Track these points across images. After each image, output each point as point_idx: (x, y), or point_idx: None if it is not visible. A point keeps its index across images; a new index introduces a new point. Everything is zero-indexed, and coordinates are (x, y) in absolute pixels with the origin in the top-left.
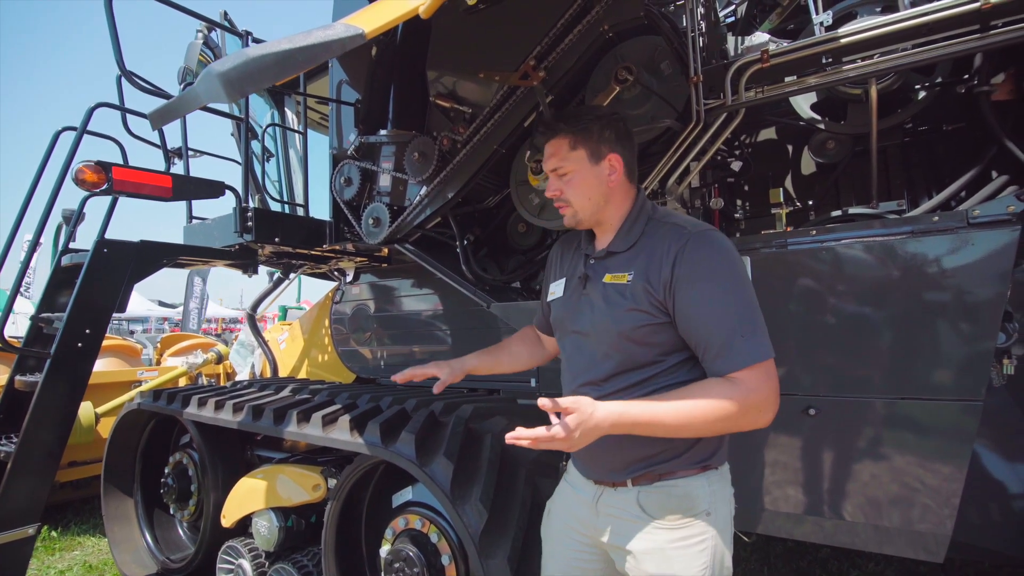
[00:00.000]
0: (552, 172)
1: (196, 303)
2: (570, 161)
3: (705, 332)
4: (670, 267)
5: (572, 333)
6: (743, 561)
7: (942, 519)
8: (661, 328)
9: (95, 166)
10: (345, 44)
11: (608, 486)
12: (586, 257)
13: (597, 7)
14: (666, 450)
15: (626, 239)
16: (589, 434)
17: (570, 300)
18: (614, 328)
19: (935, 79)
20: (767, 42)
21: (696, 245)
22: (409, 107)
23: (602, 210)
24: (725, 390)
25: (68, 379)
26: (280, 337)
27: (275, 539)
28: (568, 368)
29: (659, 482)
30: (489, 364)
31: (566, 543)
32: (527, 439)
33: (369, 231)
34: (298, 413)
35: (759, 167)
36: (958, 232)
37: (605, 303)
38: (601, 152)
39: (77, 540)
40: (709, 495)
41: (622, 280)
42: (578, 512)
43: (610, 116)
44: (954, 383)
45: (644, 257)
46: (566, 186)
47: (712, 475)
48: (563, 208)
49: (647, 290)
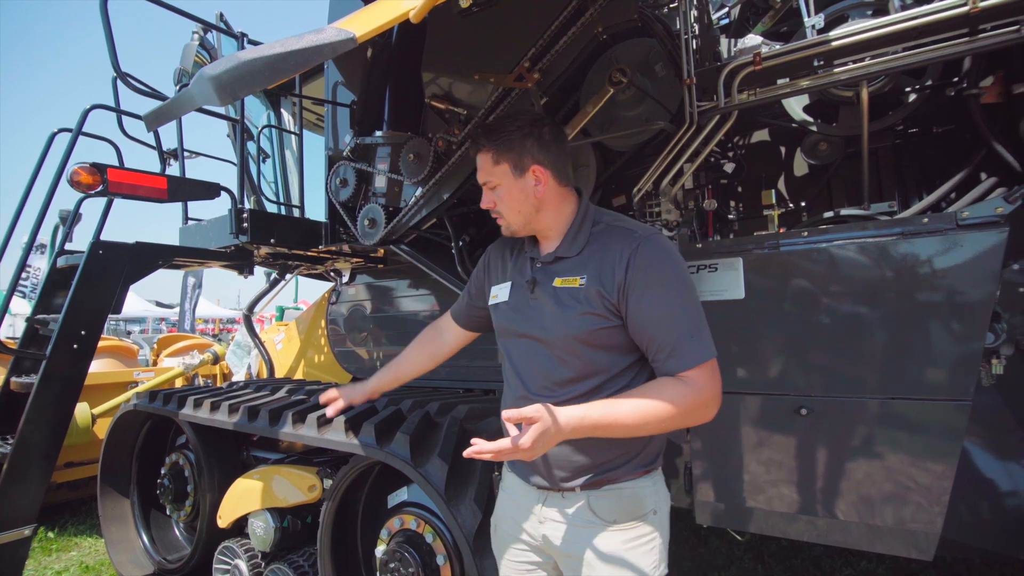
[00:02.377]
0: (483, 185)
1: (190, 304)
2: (495, 175)
3: (657, 333)
4: (623, 271)
5: (520, 337)
6: (737, 560)
7: (932, 517)
8: (614, 331)
9: (90, 168)
10: (336, 48)
11: (554, 492)
12: (532, 261)
13: (591, 9)
14: (619, 456)
15: (573, 245)
16: (551, 441)
17: (518, 304)
18: (569, 332)
19: (925, 82)
20: (760, 45)
21: (647, 248)
22: (404, 108)
23: (535, 220)
24: (678, 388)
25: (63, 381)
26: (276, 338)
27: (271, 539)
28: (517, 373)
29: (608, 486)
30: (390, 379)
31: (514, 554)
32: (489, 452)
33: (365, 232)
34: (294, 414)
35: (752, 169)
36: (948, 233)
37: (558, 307)
38: (524, 164)
39: (74, 541)
40: (654, 495)
41: (574, 284)
42: (520, 520)
43: (532, 124)
44: (944, 383)
45: (596, 262)
46: (497, 199)
47: (654, 476)
48: (498, 219)
49: (601, 294)
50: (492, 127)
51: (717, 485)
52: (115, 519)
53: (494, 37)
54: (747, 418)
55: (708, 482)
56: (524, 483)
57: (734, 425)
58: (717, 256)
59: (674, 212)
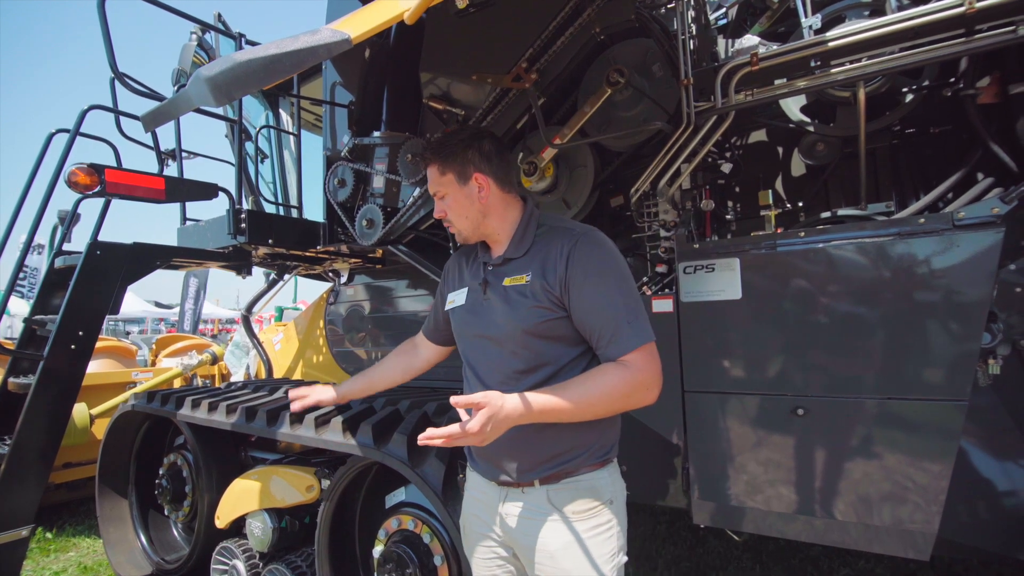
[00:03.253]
0: (434, 195)
1: (191, 304)
2: (443, 185)
3: (597, 321)
4: (564, 265)
5: (476, 337)
6: (735, 559)
7: (929, 517)
8: (560, 323)
9: (88, 168)
10: (331, 49)
11: (513, 487)
12: (484, 265)
13: (589, 10)
14: (575, 447)
15: (519, 246)
16: (500, 426)
17: (472, 306)
18: (520, 326)
19: (922, 82)
20: (757, 45)
21: (585, 244)
22: (402, 109)
23: (482, 225)
24: (619, 371)
25: (61, 381)
26: (275, 338)
27: (269, 540)
28: (474, 372)
29: (566, 479)
30: (361, 388)
31: (482, 551)
32: (440, 437)
33: (363, 232)
34: (291, 415)
35: (749, 169)
36: (944, 234)
37: (507, 304)
38: (467, 173)
39: (72, 541)
40: (611, 485)
41: (521, 281)
42: (486, 517)
43: (473, 137)
44: (940, 383)
45: (539, 259)
46: (447, 208)
47: (611, 467)
48: (450, 228)
49: (545, 287)
50: (438, 142)
51: (714, 485)
52: (113, 519)
53: (491, 38)
54: (744, 418)
55: (705, 482)
56: (486, 481)
57: (731, 425)
58: (714, 256)
59: (671, 212)
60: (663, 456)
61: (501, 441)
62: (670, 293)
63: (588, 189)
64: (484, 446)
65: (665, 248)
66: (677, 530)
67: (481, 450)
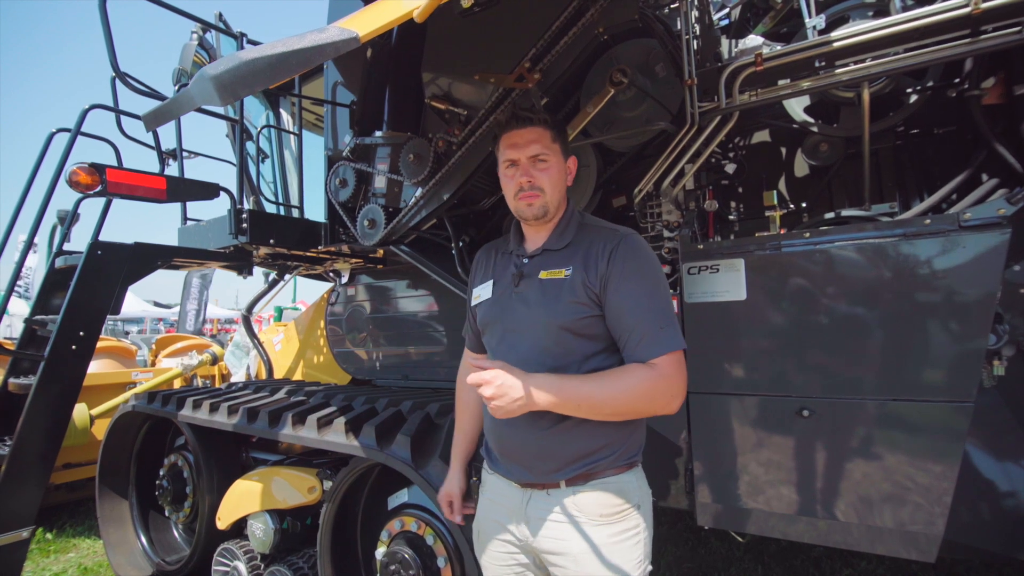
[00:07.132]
0: (531, 158)
1: (194, 305)
2: (552, 152)
3: (631, 320)
4: (606, 262)
5: (504, 331)
6: (737, 560)
7: (933, 519)
8: (594, 321)
9: (89, 168)
10: (339, 47)
11: (538, 488)
12: (518, 257)
13: (592, 10)
14: (602, 448)
15: (561, 238)
16: (515, 390)
17: (501, 299)
18: (554, 321)
19: (927, 83)
20: (761, 45)
21: (628, 245)
22: (404, 109)
23: (560, 203)
24: (646, 372)
25: (62, 382)
26: (275, 338)
27: (270, 541)
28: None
29: (592, 481)
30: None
31: (501, 558)
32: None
33: (364, 233)
34: (293, 415)
35: (753, 169)
36: (949, 235)
37: (543, 297)
38: (568, 152)
39: (72, 542)
40: (638, 489)
41: (560, 275)
42: (506, 521)
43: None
44: (945, 384)
45: (581, 255)
46: (543, 173)
47: (637, 470)
48: (533, 197)
49: (586, 284)
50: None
51: (718, 486)
52: (114, 520)
53: (495, 37)
54: (748, 419)
55: (709, 483)
56: (507, 483)
57: (735, 426)
58: (718, 257)
59: (675, 213)
60: (666, 457)
61: (527, 440)
62: (674, 294)
63: (591, 189)
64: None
65: (669, 249)
66: (679, 531)
67: (506, 450)
